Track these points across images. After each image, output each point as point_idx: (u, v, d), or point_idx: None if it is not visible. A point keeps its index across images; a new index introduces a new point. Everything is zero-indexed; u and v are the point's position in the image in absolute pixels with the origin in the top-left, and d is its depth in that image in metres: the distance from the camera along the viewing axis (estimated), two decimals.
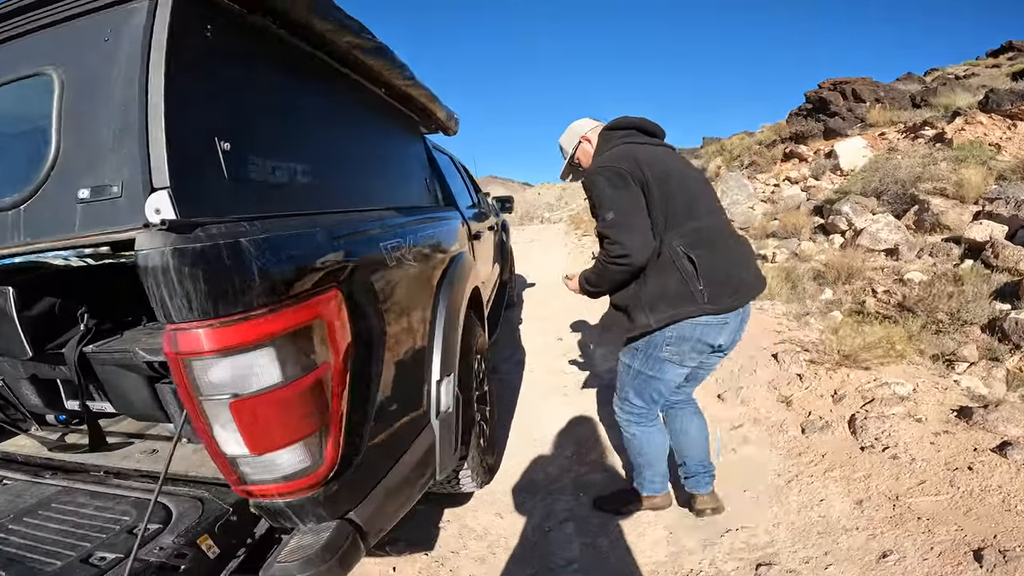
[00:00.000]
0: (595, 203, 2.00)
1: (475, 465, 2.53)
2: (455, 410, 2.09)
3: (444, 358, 2.05)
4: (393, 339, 1.66)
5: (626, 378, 2.29)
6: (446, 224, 2.70)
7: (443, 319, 2.11)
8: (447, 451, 2.03)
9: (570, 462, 3.21)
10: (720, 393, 3.76)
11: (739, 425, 3.33)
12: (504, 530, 2.62)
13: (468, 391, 2.45)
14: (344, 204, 1.72)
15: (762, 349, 4.17)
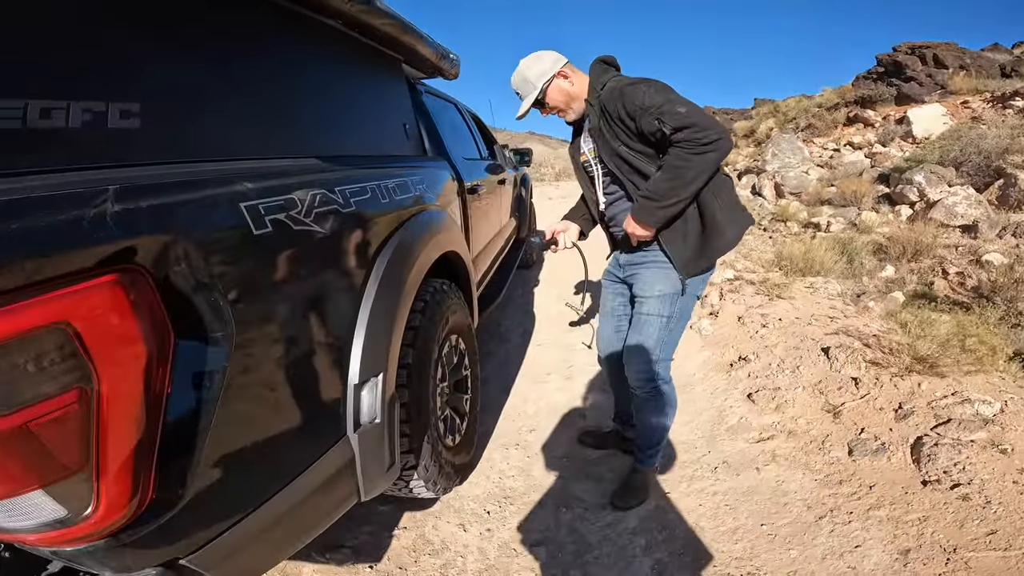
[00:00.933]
0: (649, 105, 1.78)
1: (432, 471, 2.11)
2: (387, 418, 1.67)
3: (370, 355, 1.59)
4: (266, 337, 1.21)
5: (663, 333, 2.10)
6: (416, 176, 2.23)
7: (374, 301, 1.63)
8: (374, 468, 1.66)
9: (559, 466, 2.74)
10: (751, 392, 3.14)
11: (768, 436, 2.72)
12: (465, 546, 2.22)
13: (422, 386, 2.01)
14: (197, 153, 1.23)
15: (810, 340, 3.48)
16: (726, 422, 2.91)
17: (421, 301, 2.09)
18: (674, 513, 2.30)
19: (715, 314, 4.36)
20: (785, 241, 6.39)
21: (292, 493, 1.35)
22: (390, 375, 1.70)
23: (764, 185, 11.60)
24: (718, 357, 3.69)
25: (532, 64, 2.02)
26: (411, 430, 1.92)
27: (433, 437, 2.10)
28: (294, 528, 1.42)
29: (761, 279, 4.75)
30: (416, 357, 1.96)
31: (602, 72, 2.00)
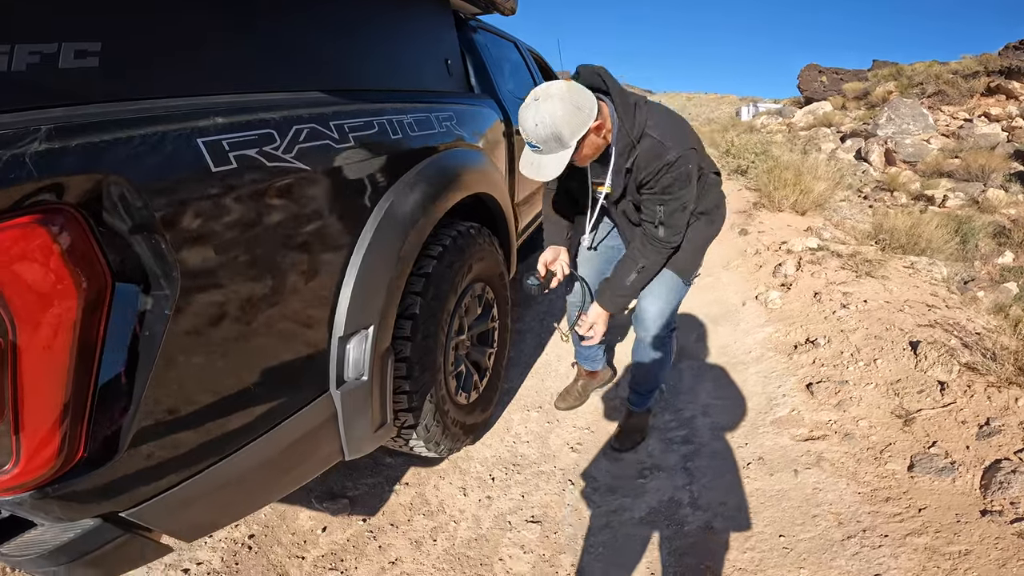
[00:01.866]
0: (673, 195, 1.85)
1: (434, 432, 2.00)
2: (376, 376, 1.55)
3: (359, 307, 1.46)
4: (224, 283, 1.10)
5: (680, 296, 2.20)
6: (445, 112, 2.05)
7: (369, 247, 1.47)
8: (360, 428, 1.57)
9: (579, 437, 2.56)
10: (812, 382, 2.76)
11: (819, 436, 2.39)
12: (461, 511, 2.12)
13: (429, 340, 1.87)
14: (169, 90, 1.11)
15: (897, 330, 3.01)
16: (774, 413, 2.58)
17: (439, 246, 1.93)
18: (688, 508, 2.07)
19: (787, 286, 3.89)
20: (888, 212, 5.66)
21: (261, 448, 1.29)
22: (383, 329, 1.58)
23: (872, 150, 10.98)
24: (782, 336, 3.29)
25: (566, 113, 1.63)
26: (411, 387, 1.80)
27: (438, 396, 1.97)
28: (263, 483, 1.36)
29: (851, 252, 4.19)
30: (425, 307, 1.82)
31: (633, 111, 1.81)
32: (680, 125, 1.90)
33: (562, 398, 2.79)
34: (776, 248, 4.63)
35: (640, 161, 1.81)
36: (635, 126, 1.79)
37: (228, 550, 1.88)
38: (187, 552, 1.86)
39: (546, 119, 1.62)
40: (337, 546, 1.94)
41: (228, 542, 1.91)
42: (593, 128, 1.70)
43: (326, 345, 1.42)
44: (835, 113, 17.90)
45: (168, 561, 1.81)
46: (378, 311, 1.53)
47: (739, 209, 6.19)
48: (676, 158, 1.77)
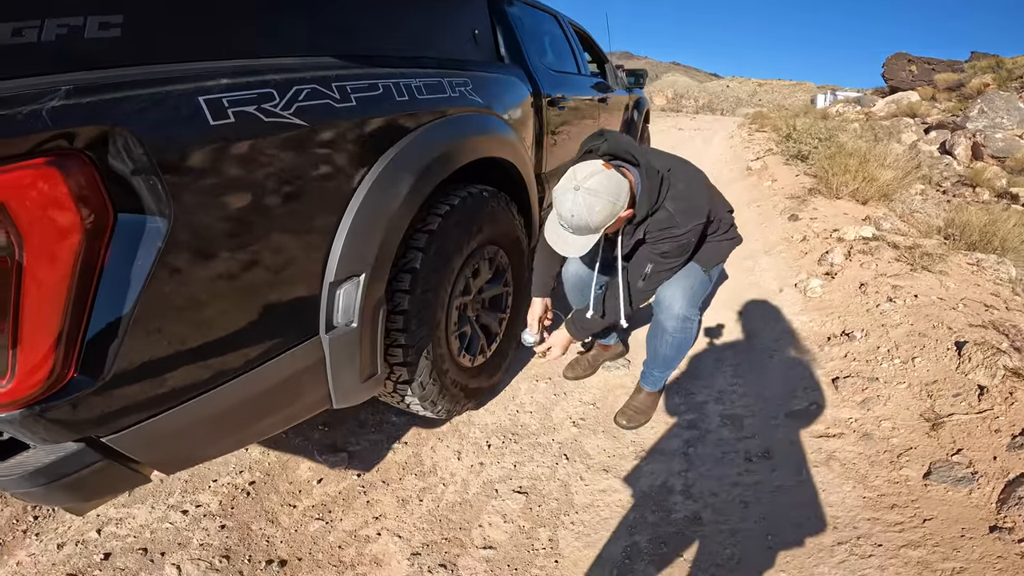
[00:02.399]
0: (665, 256, 1.98)
1: (430, 390, 2.01)
2: (367, 323, 1.59)
3: (352, 254, 1.49)
4: (218, 223, 1.18)
5: (702, 285, 2.24)
6: (461, 79, 2.07)
7: (366, 198, 1.51)
8: (348, 376, 1.60)
9: (582, 412, 2.50)
10: (839, 376, 2.59)
11: (835, 434, 2.24)
12: (451, 475, 2.12)
13: (428, 295, 1.88)
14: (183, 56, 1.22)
15: (945, 329, 2.78)
16: (792, 405, 2.44)
17: (445, 204, 1.94)
18: (679, 496, 1.98)
19: (832, 275, 3.65)
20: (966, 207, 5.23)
21: (245, 386, 1.33)
22: (377, 278, 1.60)
23: (957, 143, 10.55)
24: (816, 326, 3.10)
25: (603, 210, 1.72)
26: (407, 341, 1.81)
27: (436, 353, 1.98)
28: (246, 422, 1.40)
29: (910, 244, 3.88)
30: (426, 263, 1.83)
31: (658, 185, 1.89)
32: (698, 194, 1.98)
33: (571, 367, 2.75)
34: (826, 236, 4.36)
35: (651, 227, 1.93)
36: (656, 199, 1.88)
37: (227, 494, 1.93)
38: (189, 495, 1.92)
39: (582, 212, 1.71)
40: (328, 498, 1.97)
41: (229, 487, 1.97)
42: (621, 217, 1.81)
43: (317, 289, 1.45)
44: (921, 104, 17.02)
45: (171, 502, 1.88)
46: (371, 260, 1.55)
47: (792, 195, 5.89)
48: (682, 232, 1.90)
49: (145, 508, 1.85)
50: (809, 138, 7.95)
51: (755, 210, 5.78)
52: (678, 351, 2.26)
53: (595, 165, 1.76)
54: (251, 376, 1.34)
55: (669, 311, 2.13)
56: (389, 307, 1.76)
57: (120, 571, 1.63)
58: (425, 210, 1.89)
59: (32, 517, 1.81)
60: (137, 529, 1.78)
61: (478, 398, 2.42)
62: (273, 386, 1.40)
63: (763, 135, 11.92)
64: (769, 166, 7.75)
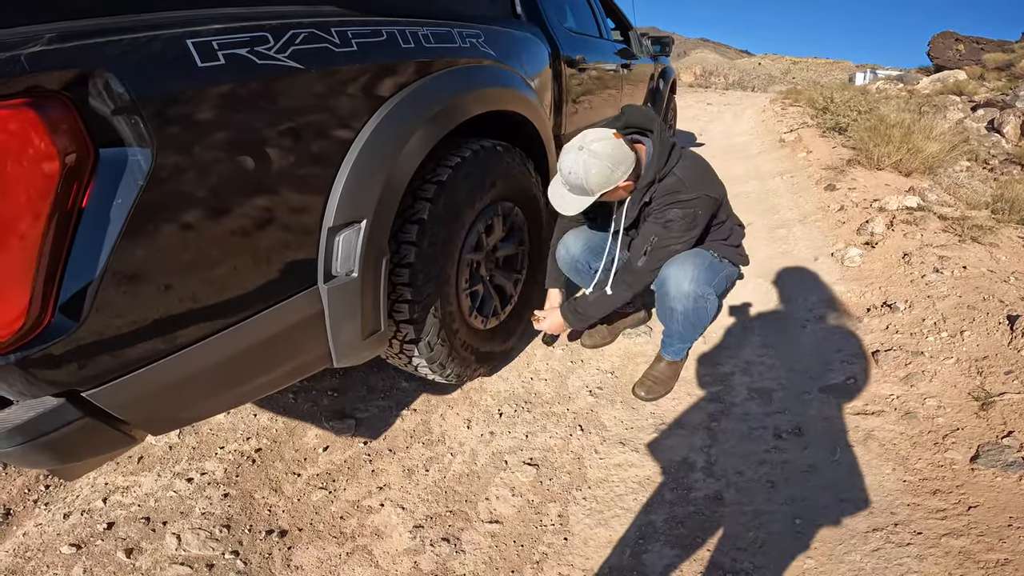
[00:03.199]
0: (669, 228, 1.93)
1: (439, 352, 1.91)
2: (368, 274, 1.50)
3: (352, 198, 1.41)
4: (203, 164, 1.13)
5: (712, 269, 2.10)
6: (473, 31, 1.99)
7: (367, 143, 1.43)
8: (349, 331, 1.50)
9: (599, 381, 2.37)
10: (879, 349, 2.41)
11: (875, 411, 2.07)
12: (460, 444, 2.02)
13: (436, 248, 1.79)
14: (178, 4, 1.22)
15: (997, 301, 2.57)
16: (826, 379, 2.27)
17: (456, 156, 1.86)
18: (700, 474, 1.85)
19: (872, 244, 3.42)
20: (1014, 183, 4.93)
21: (237, 339, 1.25)
22: (379, 226, 1.51)
23: (1006, 121, 10.44)
24: (855, 297, 2.90)
25: (600, 173, 1.78)
26: (413, 296, 1.73)
27: (445, 311, 1.88)
28: (240, 378, 1.33)
29: (958, 215, 3.62)
30: (434, 214, 1.74)
31: (668, 153, 1.92)
32: (708, 175, 1.99)
33: (589, 335, 2.62)
34: (866, 206, 4.10)
35: (657, 193, 1.92)
36: (665, 165, 1.90)
37: (233, 462, 1.88)
38: (196, 462, 1.87)
39: (579, 171, 1.77)
40: (333, 466, 1.90)
41: (236, 454, 1.91)
42: (620, 186, 1.85)
43: (315, 235, 1.36)
44: (969, 82, 16.52)
45: (177, 470, 1.83)
46: (373, 206, 1.46)
47: (829, 166, 5.61)
48: (690, 198, 1.89)
49: (151, 476, 1.81)
50: (848, 110, 7.57)
51: (788, 180, 5.51)
52: (694, 328, 2.14)
53: (606, 132, 1.82)
54: (244, 328, 1.26)
55: (677, 288, 2.01)
56: (395, 260, 1.68)
57: (122, 541, 1.59)
58: (434, 161, 1.81)
59: (44, 487, 1.77)
60: (142, 497, 1.73)
61: (491, 363, 2.31)
62: (268, 340, 1.32)
63: (797, 109, 11.54)
64: (803, 138, 7.44)
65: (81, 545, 1.57)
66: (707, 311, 2.07)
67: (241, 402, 1.41)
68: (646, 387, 2.24)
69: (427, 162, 1.76)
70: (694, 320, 2.08)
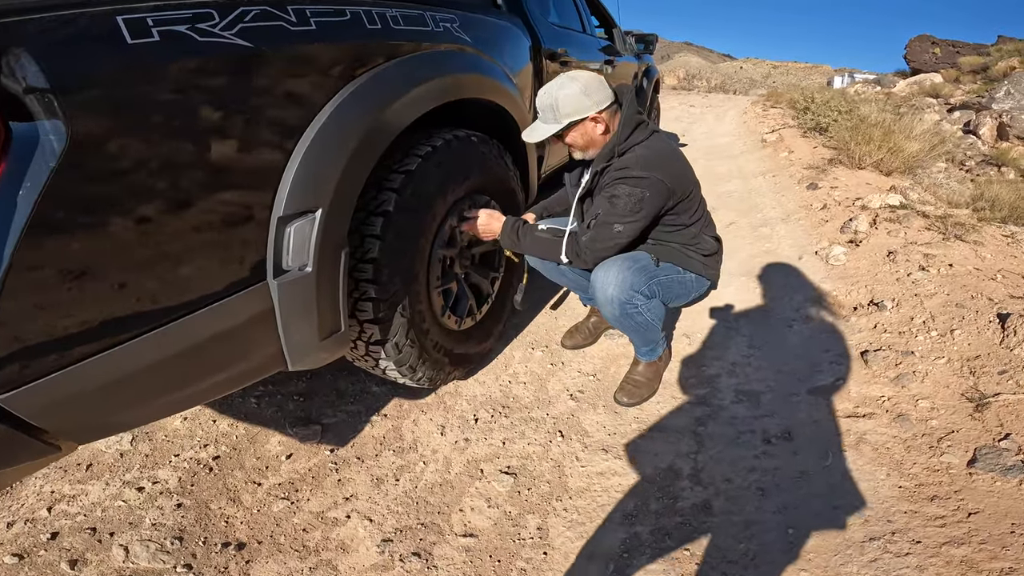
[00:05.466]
0: (614, 205, 1.79)
1: (408, 354, 1.79)
2: (324, 268, 1.37)
3: (305, 184, 1.28)
4: (126, 144, 1.01)
5: (646, 273, 1.96)
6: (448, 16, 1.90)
7: (325, 126, 1.31)
8: (304, 331, 1.38)
9: (581, 384, 2.27)
10: (868, 349, 2.33)
11: (866, 413, 1.99)
12: (433, 451, 1.91)
13: (403, 242, 1.68)
14: None
15: (985, 300, 2.51)
16: (815, 381, 2.19)
17: (427, 146, 1.75)
18: (687, 482, 1.75)
19: (856, 242, 3.37)
20: (992, 184, 4.96)
21: (173, 338, 1.13)
22: (336, 215, 1.39)
23: (982, 123, 10.71)
24: (841, 295, 2.83)
25: (572, 94, 1.78)
26: (378, 293, 1.61)
27: (414, 310, 1.76)
28: (178, 382, 1.20)
29: (941, 214, 3.59)
30: (401, 206, 1.62)
31: (632, 128, 1.84)
32: (670, 162, 1.86)
33: (569, 335, 2.52)
34: (848, 204, 4.07)
35: (613, 167, 1.83)
36: (627, 140, 1.82)
37: (188, 470, 1.76)
38: (148, 470, 1.75)
39: (552, 91, 1.79)
40: (296, 475, 1.78)
41: (191, 462, 1.79)
42: (590, 118, 1.79)
43: (263, 225, 1.24)
44: (945, 85, 17.04)
45: (127, 478, 1.72)
46: (329, 194, 1.34)
47: (811, 165, 5.59)
48: (639, 176, 1.76)
49: (100, 484, 1.69)
50: (828, 110, 7.59)
51: (770, 179, 5.47)
52: (638, 333, 2.03)
53: (590, 72, 1.86)
54: (180, 327, 1.13)
55: (603, 293, 1.88)
56: (357, 254, 1.57)
57: (66, 552, 1.48)
58: (403, 150, 1.70)
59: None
60: (89, 507, 1.62)
61: (466, 366, 2.20)
62: (209, 340, 1.19)
63: (777, 111, 11.63)
64: (785, 138, 7.44)
65: (24, 555, 1.46)
66: (639, 317, 1.92)
67: (184, 407, 1.29)
68: (627, 391, 2.14)
69: (394, 150, 1.64)
70: (630, 326, 1.96)
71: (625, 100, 1.85)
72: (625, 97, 1.86)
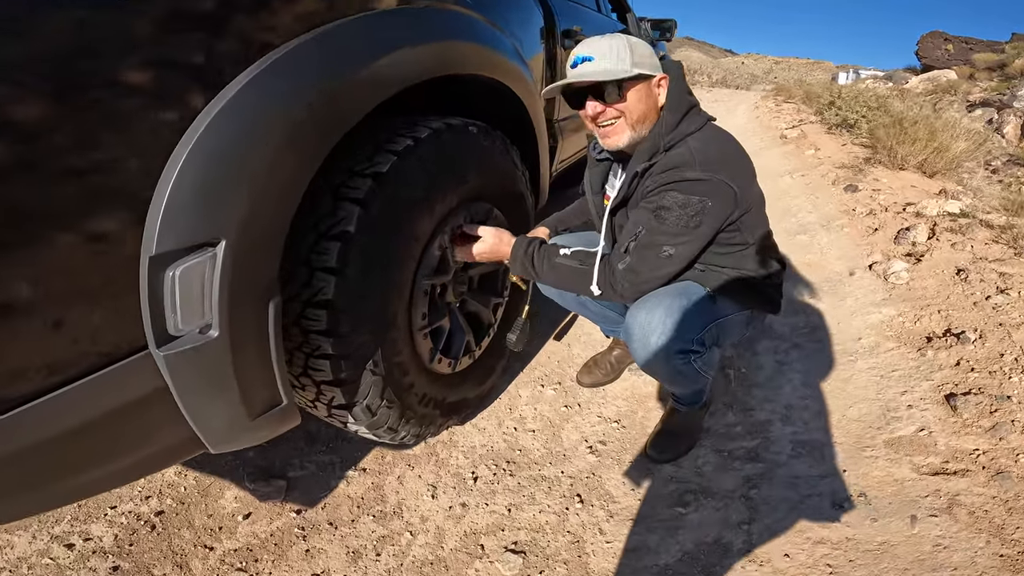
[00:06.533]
0: (662, 219, 1.35)
1: (385, 415, 1.41)
2: (244, 330, 0.96)
3: (190, 209, 0.84)
4: None
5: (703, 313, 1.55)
6: None
7: (220, 120, 0.85)
8: (217, 410, 0.97)
9: (603, 434, 1.90)
10: (955, 392, 1.93)
11: (957, 470, 1.61)
12: (423, 519, 1.57)
13: (372, 277, 1.25)
14: None
15: None
16: (893, 429, 1.80)
17: (407, 138, 1.31)
18: (738, 559, 1.40)
19: (916, 256, 2.95)
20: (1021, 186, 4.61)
21: (20, 429, 0.78)
22: (255, 249, 0.94)
23: (1006, 122, 10.29)
24: (908, 322, 2.41)
25: (645, 49, 1.39)
26: (337, 349, 1.20)
27: (392, 363, 1.37)
28: (31, 481, 0.84)
29: (1004, 223, 3.16)
30: (366, 224, 1.18)
31: (682, 114, 1.41)
32: (735, 158, 1.45)
33: (587, 370, 2.11)
34: (899, 210, 3.65)
35: (658, 167, 1.39)
36: (675, 129, 1.39)
37: (127, 527, 1.49)
38: (79, 524, 1.50)
39: (620, 36, 1.39)
40: (256, 540, 1.48)
41: (130, 516, 1.52)
42: (656, 80, 1.41)
43: (127, 269, 0.82)
44: (961, 82, 16.91)
45: (56, 532, 1.48)
46: (236, 217, 0.89)
47: (843, 164, 5.19)
48: (698, 178, 1.34)
49: (27, 536, 1.47)
50: (857, 105, 7.17)
51: (799, 179, 5.08)
52: (682, 386, 1.64)
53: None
54: (30, 414, 0.77)
55: (643, 342, 1.43)
56: (305, 296, 1.16)
57: None
58: (373, 143, 1.28)
59: None
60: (15, 562, 1.41)
61: (463, 412, 1.82)
62: (67, 433, 0.83)
63: (791, 106, 11.42)
64: (808, 135, 7.07)
65: None
66: (689, 372, 1.49)
67: (53, 506, 0.94)
68: (660, 444, 1.76)
69: (363, 144, 1.25)
70: (675, 380, 1.55)
71: (672, 78, 1.43)
72: (672, 74, 1.44)
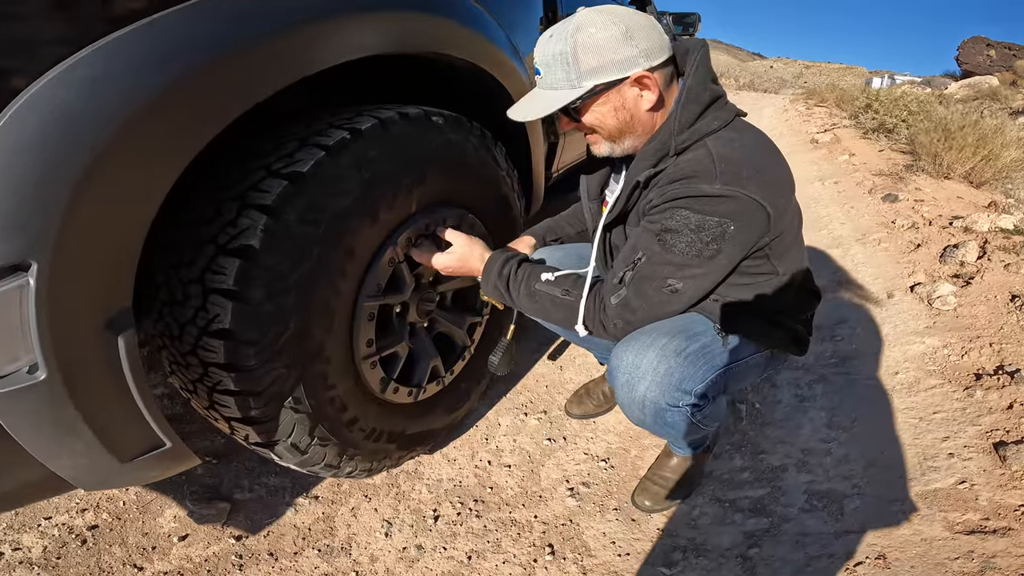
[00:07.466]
0: (668, 246, 1.09)
1: (318, 453, 1.27)
2: (81, 367, 0.81)
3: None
4: None
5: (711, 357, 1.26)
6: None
7: (31, 106, 0.67)
8: (74, 456, 0.85)
9: (589, 470, 1.70)
10: (1005, 440, 1.64)
11: (996, 528, 1.36)
12: (372, 559, 1.40)
13: (290, 296, 1.06)
14: None
15: None
16: (928, 480, 1.54)
17: (340, 129, 1.12)
18: None
19: (965, 278, 2.62)
20: None
21: None
22: (80, 271, 0.76)
23: None
24: (955, 355, 2.11)
25: (602, 40, 1.04)
26: (243, 385, 1.04)
27: (320, 399, 1.19)
28: None
29: None
30: (274, 236, 1.00)
31: (701, 108, 1.11)
32: (770, 168, 1.14)
33: (578, 399, 1.88)
34: (945, 224, 3.32)
35: (665, 176, 1.12)
36: (691, 126, 1.11)
37: (57, 539, 1.44)
38: (12, 533, 1.45)
39: (569, 30, 1.06)
40: (189, 564, 1.38)
41: (62, 529, 1.46)
42: (631, 79, 1.08)
43: None
44: (1002, 89, 16.77)
45: None
46: (52, 232, 0.72)
47: (881, 171, 4.88)
48: (719, 195, 1.05)
49: None
50: (897, 109, 6.79)
51: (832, 186, 4.78)
52: (680, 439, 1.42)
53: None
54: None
55: (629, 389, 1.19)
56: (201, 322, 1.00)
57: None
58: (292, 137, 1.09)
59: None
60: None
61: (428, 444, 1.63)
62: None
63: (823, 109, 11.11)
64: (841, 139, 6.75)
65: None
66: (682, 426, 1.24)
67: None
68: (652, 492, 1.52)
69: (280, 139, 1.06)
70: (665, 435, 1.36)
71: (690, 61, 1.13)
72: (691, 56, 1.13)
